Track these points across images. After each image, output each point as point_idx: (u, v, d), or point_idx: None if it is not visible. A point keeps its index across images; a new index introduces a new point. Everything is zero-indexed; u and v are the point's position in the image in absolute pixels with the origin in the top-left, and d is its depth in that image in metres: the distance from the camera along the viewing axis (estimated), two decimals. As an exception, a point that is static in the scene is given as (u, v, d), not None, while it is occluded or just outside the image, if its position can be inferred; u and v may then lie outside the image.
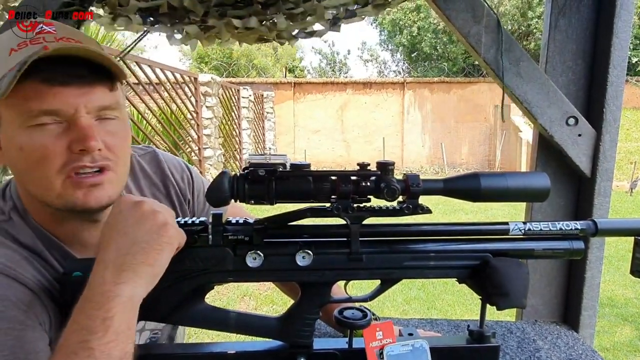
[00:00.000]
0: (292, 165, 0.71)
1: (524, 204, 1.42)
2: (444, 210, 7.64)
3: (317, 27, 1.39)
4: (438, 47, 18.46)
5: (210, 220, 0.74)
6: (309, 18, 1.32)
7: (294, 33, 1.42)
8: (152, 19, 1.33)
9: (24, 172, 0.73)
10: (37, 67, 0.66)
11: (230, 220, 0.76)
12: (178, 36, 1.41)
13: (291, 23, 1.34)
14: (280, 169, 0.69)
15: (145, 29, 1.37)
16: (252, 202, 0.70)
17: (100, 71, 0.72)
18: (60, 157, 0.70)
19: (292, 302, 0.84)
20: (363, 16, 1.34)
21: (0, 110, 0.71)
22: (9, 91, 0.65)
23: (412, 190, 0.71)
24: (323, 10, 1.26)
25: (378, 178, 0.71)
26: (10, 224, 0.75)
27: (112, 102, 0.75)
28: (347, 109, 13.67)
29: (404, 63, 22.44)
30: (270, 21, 1.33)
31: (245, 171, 0.69)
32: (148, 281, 0.63)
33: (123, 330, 0.59)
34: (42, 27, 0.73)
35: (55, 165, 0.70)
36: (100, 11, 1.36)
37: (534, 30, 16.41)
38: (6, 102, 0.68)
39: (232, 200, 0.70)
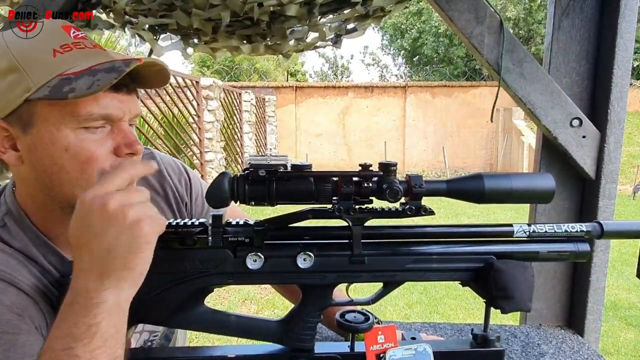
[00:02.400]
0: (293, 166, 0.70)
1: (527, 208, 1.40)
2: (445, 214, 7.62)
3: (320, 42, 1.41)
4: (439, 50, 18.47)
5: (210, 221, 0.73)
6: (311, 38, 1.34)
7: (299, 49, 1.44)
8: (160, 31, 1.35)
9: (60, 173, 0.71)
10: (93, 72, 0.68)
11: (231, 222, 0.75)
12: (190, 51, 1.43)
13: (297, 44, 1.36)
14: (281, 170, 0.68)
15: (157, 41, 1.38)
16: (253, 203, 0.68)
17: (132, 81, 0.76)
18: (106, 160, 0.72)
19: (293, 305, 0.83)
20: (364, 29, 1.35)
21: (37, 110, 0.69)
22: (90, 94, 0.66)
23: (414, 191, 0.70)
24: (324, 33, 1.28)
25: (380, 179, 0.70)
26: (5, 229, 0.74)
27: (139, 110, 0.79)
28: (348, 112, 13.67)
29: (405, 67, 22.47)
30: (276, 44, 1.36)
31: (246, 172, 0.68)
32: (134, 282, 0.60)
33: (111, 335, 0.57)
34: (75, 32, 0.74)
35: (102, 166, 0.72)
36: (103, 16, 1.37)
37: (534, 35, 16.42)
38: (50, 101, 0.68)
39: (232, 202, 0.69)
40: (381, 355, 0.78)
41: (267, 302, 4.11)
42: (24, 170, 0.73)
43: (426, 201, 0.71)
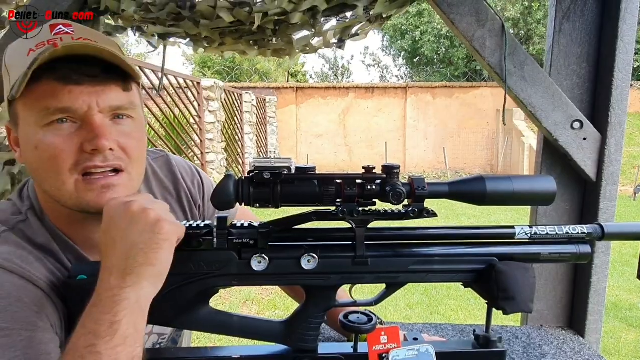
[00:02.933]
0: (297, 168, 0.70)
1: (528, 210, 1.41)
2: (446, 216, 7.62)
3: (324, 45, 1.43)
4: (439, 52, 18.48)
5: (215, 223, 0.74)
6: (316, 41, 1.35)
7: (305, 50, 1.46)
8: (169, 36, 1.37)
9: (39, 171, 0.73)
10: (53, 66, 0.68)
11: (235, 224, 0.76)
12: (201, 50, 1.44)
13: (303, 48, 1.38)
14: (285, 172, 0.69)
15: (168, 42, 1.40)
16: (257, 205, 0.69)
17: (113, 71, 0.73)
18: (71, 157, 0.71)
19: (296, 306, 0.83)
20: (366, 33, 1.36)
21: (18, 110, 0.72)
22: (22, 89, 0.67)
23: (417, 193, 0.71)
24: (328, 41, 1.30)
25: (383, 181, 0.71)
26: (27, 224, 0.75)
27: (126, 102, 0.75)
28: (349, 113, 13.68)
29: (406, 68, 22.47)
30: (281, 47, 1.37)
31: (250, 174, 0.69)
32: (154, 281, 0.63)
33: (131, 334, 0.59)
34: (60, 28, 0.73)
35: (66, 164, 0.71)
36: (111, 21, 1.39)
37: (533, 35, 16.42)
38: (24, 101, 0.70)
39: (238, 204, 0.70)
40: (384, 355, 0.79)
41: (269, 303, 4.12)
42: (26, 165, 0.76)
43: (426, 201, 0.72)
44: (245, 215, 1.09)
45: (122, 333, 0.58)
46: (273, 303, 4.10)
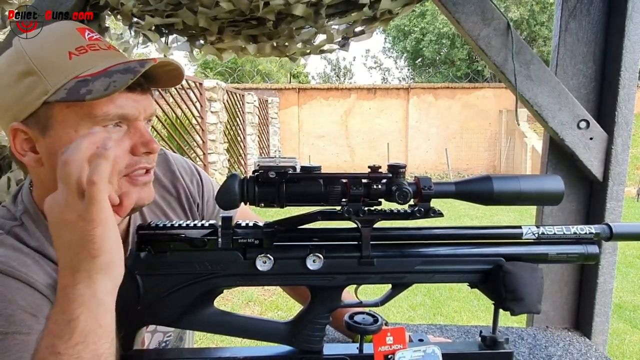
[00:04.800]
0: (302, 167, 0.70)
1: (532, 211, 1.40)
2: (448, 217, 7.55)
3: (327, 45, 1.41)
4: (441, 52, 18.46)
5: (220, 223, 0.73)
6: (318, 40, 1.34)
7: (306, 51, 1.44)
8: (167, 32, 1.36)
9: None
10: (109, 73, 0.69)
11: (240, 224, 0.75)
12: (196, 53, 1.44)
13: (304, 46, 1.36)
14: (291, 172, 0.68)
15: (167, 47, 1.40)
16: (262, 205, 0.69)
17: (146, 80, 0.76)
18: (123, 159, 0.73)
19: (298, 307, 0.83)
20: (371, 32, 1.35)
21: (55, 112, 0.70)
22: (104, 95, 0.67)
23: (424, 193, 0.70)
24: (332, 35, 1.29)
25: (389, 181, 0.70)
26: (23, 228, 0.75)
27: (154, 109, 0.80)
28: (351, 114, 13.68)
29: (408, 69, 22.47)
30: (283, 45, 1.36)
31: (255, 174, 0.68)
32: (107, 271, 0.59)
33: (92, 330, 0.57)
34: (89, 34, 0.75)
35: (119, 166, 0.72)
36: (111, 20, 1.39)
37: (537, 37, 16.40)
38: (68, 103, 0.69)
39: (242, 204, 0.69)
40: (390, 356, 0.78)
41: (271, 304, 4.11)
42: (43, 172, 0.74)
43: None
44: (245, 215, 1.08)
45: (82, 330, 0.56)
46: (275, 304, 4.10)
